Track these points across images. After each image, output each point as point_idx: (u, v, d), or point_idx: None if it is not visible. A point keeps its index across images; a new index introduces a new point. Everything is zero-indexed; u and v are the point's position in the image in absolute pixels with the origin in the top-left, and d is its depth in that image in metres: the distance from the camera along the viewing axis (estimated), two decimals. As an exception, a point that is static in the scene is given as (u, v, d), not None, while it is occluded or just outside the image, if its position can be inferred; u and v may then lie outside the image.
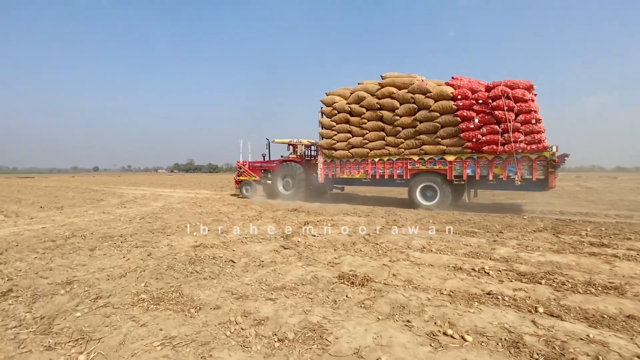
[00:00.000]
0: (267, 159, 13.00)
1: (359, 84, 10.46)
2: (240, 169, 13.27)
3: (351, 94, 10.21)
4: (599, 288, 3.03)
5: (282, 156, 12.63)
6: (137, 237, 5.21)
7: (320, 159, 10.84)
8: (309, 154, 12.73)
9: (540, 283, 3.17)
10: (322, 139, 10.67)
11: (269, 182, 12.53)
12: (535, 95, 7.87)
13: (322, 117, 10.73)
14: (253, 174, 12.98)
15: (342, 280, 3.30)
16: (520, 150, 7.65)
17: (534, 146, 7.53)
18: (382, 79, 9.71)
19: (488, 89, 8.17)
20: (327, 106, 10.54)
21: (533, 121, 7.56)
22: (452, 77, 8.90)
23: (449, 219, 7.07)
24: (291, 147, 12.53)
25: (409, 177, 9.29)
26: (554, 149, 7.43)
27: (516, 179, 7.82)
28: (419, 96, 8.86)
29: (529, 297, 2.85)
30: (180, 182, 28.20)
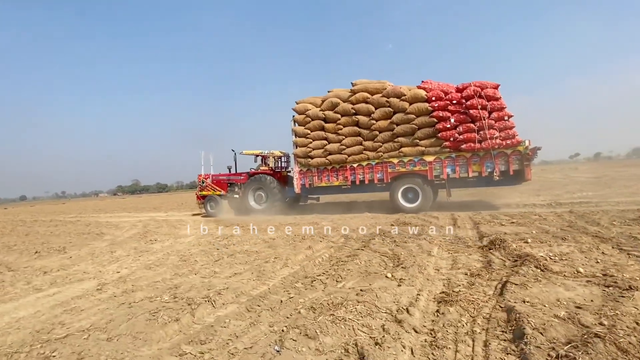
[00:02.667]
0: (233, 171, 12.14)
1: (329, 91, 10.31)
2: (203, 183, 12.19)
3: (323, 101, 10.02)
4: None
5: (251, 169, 11.88)
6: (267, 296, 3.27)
7: (296, 168, 10.35)
8: (280, 165, 12.17)
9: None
10: (297, 147, 10.23)
11: (237, 196, 11.65)
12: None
13: (295, 125, 10.34)
14: (218, 188, 11.99)
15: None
16: (496, 146, 7.95)
17: (508, 141, 7.87)
18: (353, 85, 9.67)
19: (459, 90, 8.47)
20: (300, 114, 10.19)
21: (506, 118, 7.94)
22: (422, 81, 9.12)
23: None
24: (261, 158, 11.87)
25: (389, 181, 9.18)
26: (527, 142, 7.83)
27: (495, 174, 8.08)
28: (394, 99, 8.91)
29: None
30: (141, 205, 25.32)
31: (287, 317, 2.68)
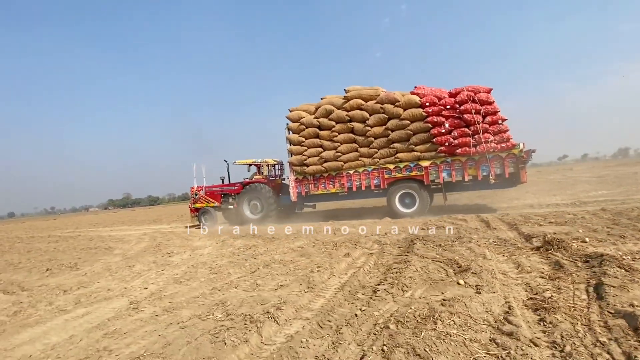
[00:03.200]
0: (227, 182, 11.95)
1: (322, 98, 10.28)
2: (196, 195, 11.96)
3: (316, 108, 9.99)
4: None
5: (244, 178, 11.71)
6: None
7: (292, 176, 10.26)
8: (274, 173, 12.04)
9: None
10: (292, 155, 10.14)
11: (231, 207, 11.46)
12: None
13: (289, 133, 10.26)
14: (211, 199, 11.78)
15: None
16: (491, 150, 8.03)
17: (503, 145, 7.96)
18: (346, 92, 9.66)
19: (452, 95, 8.55)
20: (294, 122, 10.13)
21: (500, 121, 8.04)
22: (415, 87, 9.18)
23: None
24: (254, 167, 11.72)
25: (386, 187, 9.17)
26: (522, 145, 7.93)
27: (490, 177, 8.16)
28: (388, 106, 8.94)
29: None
30: (139, 218, 24.50)
31: (374, 334, 2.37)
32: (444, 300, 2.79)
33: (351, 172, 9.52)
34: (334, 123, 9.55)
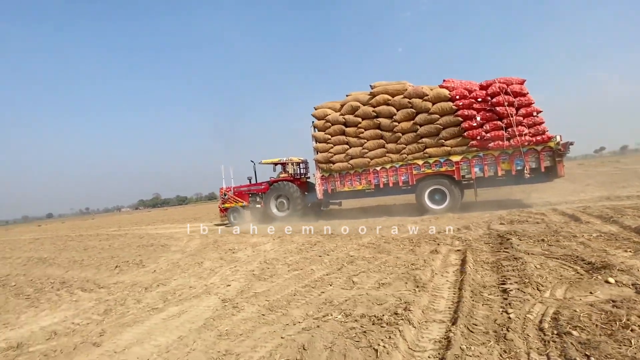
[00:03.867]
0: (253, 181, 12.15)
1: (347, 95, 10.25)
2: (225, 195, 12.23)
3: (342, 105, 9.96)
4: None
5: (270, 177, 11.87)
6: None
7: (318, 174, 10.29)
8: (299, 171, 12.12)
9: None
10: (318, 153, 10.17)
11: (259, 205, 11.64)
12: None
13: (315, 131, 10.29)
14: (239, 199, 12.00)
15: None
16: (526, 143, 7.75)
17: (538, 137, 7.68)
18: (372, 88, 9.58)
19: (483, 87, 8.32)
20: (319, 119, 10.15)
21: (535, 113, 7.75)
22: (444, 80, 8.98)
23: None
24: (280, 166, 11.85)
25: (415, 183, 9.04)
26: (558, 138, 7.62)
27: (525, 171, 7.88)
28: (416, 100, 8.80)
29: None
30: (175, 216, 25.13)
31: (554, 342, 2.03)
32: (608, 300, 2.47)
33: (378, 168, 9.43)
34: (360, 119, 9.49)
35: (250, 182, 12.17)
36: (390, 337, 2.28)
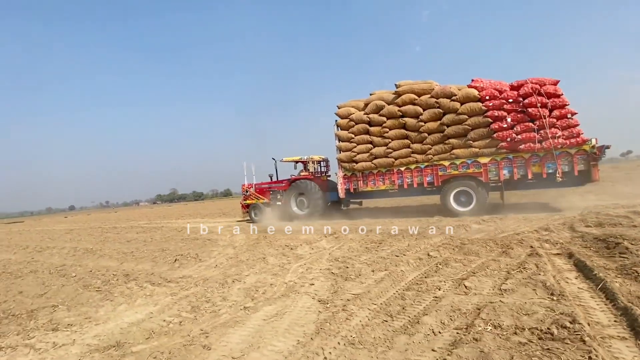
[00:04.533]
0: (274, 179, 12.21)
1: (371, 94, 10.17)
2: (247, 192, 12.34)
3: (366, 105, 9.88)
4: None
5: (291, 175, 11.90)
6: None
7: (340, 173, 10.25)
8: (320, 170, 12.11)
9: None
10: (340, 152, 10.13)
11: (279, 203, 11.69)
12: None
13: (338, 129, 10.25)
14: (261, 196, 12.09)
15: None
16: (559, 146, 7.54)
17: (572, 140, 7.46)
18: (397, 87, 9.46)
19: (514, 87, 8.13)
20: (343, 118, 10.10)
21: (569, 115, 7.53)
22: (472, 80, 8.80)
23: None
24: (301, 164, 11.87)
25: (440, 184, 8.92)
26: (594, 141, 7.39)
27: (557, 175, 7.67)
28: (443, 100, 8.65)
29: None
30: (200, 210, 25.72)
31: None
32: None
33: (402, 168, 9.34)
34: (385, 119, 9.40)
35: (271, 179, 12.23)
36: (590, 357, 1.94)
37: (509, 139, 7.94)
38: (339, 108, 10.32)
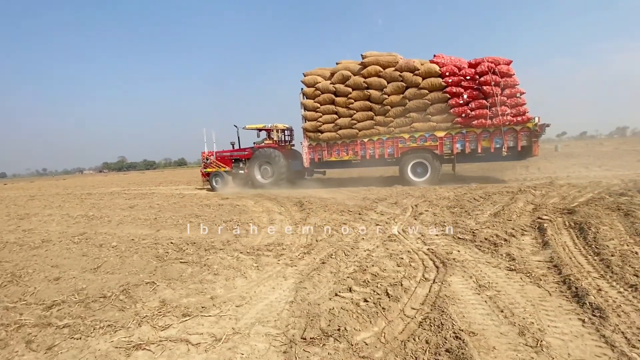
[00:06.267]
0: (237, 147, 11.94)
1: (337, 63, 10.10)
2: (207, 160, 11.97)
3: (332, 74, 9.84)
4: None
5: (254, 143, 11.71)
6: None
7: (305, 142, 10.31)
8: (284, 139, 12.04)
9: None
10: (306, 121, 10.12)
11: (242, 172, 11.56)
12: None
13: (304, 98, 10.16)
14: (222, 164, 11.82)
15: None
16: (507, 123, 8.19)
17: (519, 118, 8.12)
18: (363, 57, 9.49)
19: (472, 65, 8.53)
20: (309, 87, 10.00)
21: (518, 94, 8.14)
22: (435, 55, 9.07)
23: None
24: (264, 132, 11.69)
25: (399, 156, 9.35)
26: (537, 119, 8.11)
27: (503, 150, 8.39)
28: (407, 74, 8.87)
29: None
30: (164, 179, 24.00)
31: None
32: None
33: (365, 140, 9.62)
34: (350, 90, 9.47)
35: (233, 147, 11.95)
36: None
37: (463, 115, 8.45)
38: (305, 76, 10.17)
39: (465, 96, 8.39)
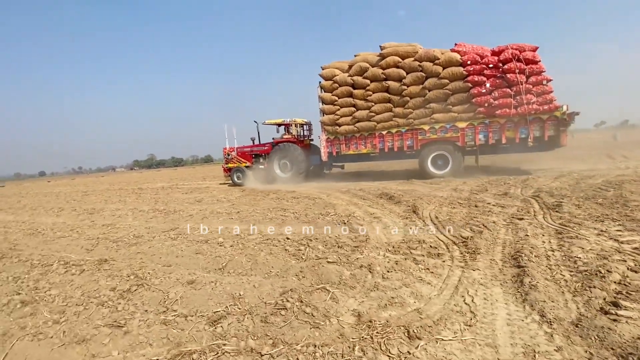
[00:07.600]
0: (257, 142, 12.15)
1: (355, 55, 10.02)
2: (228, 155, 12.26)
3: (350, 66, 9.77)
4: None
5: (273, 138, 11.86)
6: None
7: (323, 136, 10.32)
8: (303, 133, 12.12)
9: None
10: (324, 114, 10.12)
11: (262, 166, 11.75)
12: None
13: (322, 92, 10.17)
14: (243, 159, 12.06)
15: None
16: (533, 112, 7.85)
17: (546, 107, 7.77)
18: (382, 49, 9.36)
19: (495, 53, 8.23)
20: (327, 80, 9.98)
21: (544, 82, 7.78)
22: (456, 44, 8.84)
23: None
24: (283, 127, 11.81)
25: (419, 148, 9.18)
26: (565, 108, 7.73)
27: (529, 140, 8.05)
28: (426, 64, 8.68)
29: None
30: (195, 176, 23.49)
31: None
32: None
33: (384, 132, 9.50)
34: (368, 82, 9.38)
35: (253, 142, 12.17)
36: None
37: (486, 104, 8.18)
38: (323, 69, 10.16)
39: (487, 85, 8.11)
